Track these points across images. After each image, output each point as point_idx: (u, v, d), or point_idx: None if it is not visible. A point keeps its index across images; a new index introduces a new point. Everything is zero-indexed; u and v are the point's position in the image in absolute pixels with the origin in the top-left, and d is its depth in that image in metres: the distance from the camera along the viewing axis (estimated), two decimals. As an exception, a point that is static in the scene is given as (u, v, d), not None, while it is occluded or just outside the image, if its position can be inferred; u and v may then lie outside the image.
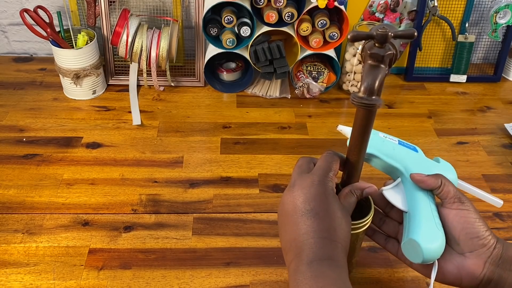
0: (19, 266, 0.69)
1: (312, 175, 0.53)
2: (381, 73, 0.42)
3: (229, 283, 0.68)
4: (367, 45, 0.42)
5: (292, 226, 0.51)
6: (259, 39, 1.01)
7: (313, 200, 0.51)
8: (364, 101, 0.41)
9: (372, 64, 0.42)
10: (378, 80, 0.41)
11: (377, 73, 0.42)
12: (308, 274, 0.47)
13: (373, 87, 0.41)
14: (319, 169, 0.54)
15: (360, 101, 0.41)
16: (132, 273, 0.69)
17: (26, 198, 0.80)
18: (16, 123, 0.97)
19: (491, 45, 1.18)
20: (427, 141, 0.96)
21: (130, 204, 0.80)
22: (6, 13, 1.13)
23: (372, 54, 0.42)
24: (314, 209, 0.51)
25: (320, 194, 0.51)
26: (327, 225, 0.50)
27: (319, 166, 0.54)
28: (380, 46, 0.42)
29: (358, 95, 0.41)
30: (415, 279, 0.70)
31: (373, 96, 0.41)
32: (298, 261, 0.49)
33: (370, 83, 0.41)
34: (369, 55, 0.42)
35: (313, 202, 0.51)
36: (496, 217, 0.80)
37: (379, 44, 0.41)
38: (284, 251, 0.53)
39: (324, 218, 0.50)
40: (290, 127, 0.99)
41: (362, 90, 0.41)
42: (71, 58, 0.99)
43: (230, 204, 0.81)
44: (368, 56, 0.42)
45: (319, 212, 0.50)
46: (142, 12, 1.10)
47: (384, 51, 0.42)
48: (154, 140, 0.94)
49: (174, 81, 1.09)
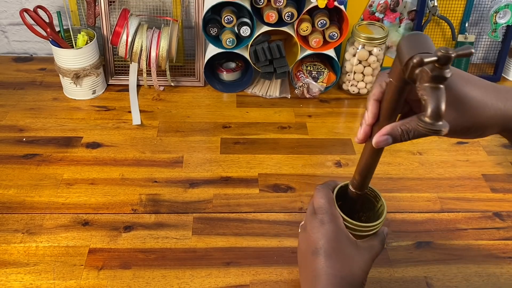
0: (19, 266, 0.69)
1: (319, 215, 0.55)
2: (443, 94, 0.41)
3: (229, 283, 0.68)
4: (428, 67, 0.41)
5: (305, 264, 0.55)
6: (259, 39, 1.01)
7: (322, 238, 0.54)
8: (433, 128, 0.40)
9: (433, 86, 0.41)
10: (443, 102, 0.40)
11: (441, 96, 0.40)
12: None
13: (441, 111, 0.40)
14: (322, 207, 0.56)
15: (429, 128, 0.40)
16: (132, 273, 0.69)
17: (26, 198, 0.80)
18: (16, 123, 0.97)
19: (491, 45, 1.18)
20: (427, 141, 0.96)
21: (130, 204, 0.80)
22: (6, 13, 1.13)
23: (436, 77, 0.41)
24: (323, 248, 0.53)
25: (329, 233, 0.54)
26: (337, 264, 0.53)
27: (320, 205, 0.56)
28: (442, 68, 0.41)
29: (425, 120, 0.40)
30: (415, 279, 0.70)
31: (440, 121, 0.40)
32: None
33: (437, 108, 0.40)
34: (431, 77, 0.41)
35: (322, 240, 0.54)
36: (496, 217, 0.80)
37: (441, 65, 0.41)
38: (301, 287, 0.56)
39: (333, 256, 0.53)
40: (290, 127, 0.99)
41: (430, 115, 0.40)
42: (71, 58, 0.99)
43: (230, 204, 0.81)
44: (430, 78, 0.41)
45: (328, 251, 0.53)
46: (142, 12, 1.10)
47: (448, 73, 0.41)
48: (154, 140, 0.94)
49: (174, 81, 1.09)
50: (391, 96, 0.48)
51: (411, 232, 0.77)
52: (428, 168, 0.90)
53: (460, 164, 0.91)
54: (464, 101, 0.45)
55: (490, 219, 0.80)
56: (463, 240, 0.76)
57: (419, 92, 0.41)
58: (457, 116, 0.45)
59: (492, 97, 0.46)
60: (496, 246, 0.75)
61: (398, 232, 0.77)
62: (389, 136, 0.47)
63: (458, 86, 0.45)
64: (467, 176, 0.88)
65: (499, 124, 0.46)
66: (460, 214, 0.81)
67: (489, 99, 0.46)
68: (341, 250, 0.53)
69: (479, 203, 0.83)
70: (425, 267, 0.71)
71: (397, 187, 0.85)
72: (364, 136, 0.51)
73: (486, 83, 0.47)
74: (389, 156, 0.91)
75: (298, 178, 0.86)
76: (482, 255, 0.73)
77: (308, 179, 0.86)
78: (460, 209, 0.81)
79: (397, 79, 0.46)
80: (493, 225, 0.79)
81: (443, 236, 0.76)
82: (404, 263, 0.72)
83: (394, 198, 0.83)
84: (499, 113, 0.46)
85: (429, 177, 0.88)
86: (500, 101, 0.46)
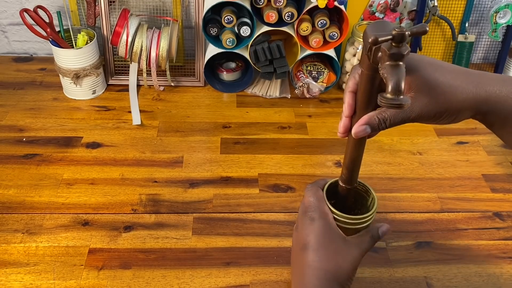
0: (19, 266, 0.69)
1: (309, 212, 0.56)
2: (403, 71, 0.42)
3: (229, 283, 0.68)
4: (385, 46, 0.43)
5: (294, 260, 0.56)
6: (259, 39, 1.01)
7: (310, 234, 0.54)
8: (394, 102, 0.41)
9: (392, 64, 0.43)
10: (403, 78, 0.42)
11: (400, 72, 0.42)
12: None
13: (400, 86, 0.41)
14: (312, 205, 0.56)
15: (390, 103, 0.41)
16: (132, 273, 0.69)
17: (26, 198, 0.80)
18: (16, 123, 0.97)
19: (491, 45, 1.18)
20: (427, 141, 0.96)
21: (130, 204, 0.80)
22: (6, 13, 1.13)
23: (393, 55, 0.42)
24: (312, 243, 0.54)
25: (318, 228, 0.55)
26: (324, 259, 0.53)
27: (310, 203, 0.57)
28: (398, 46, 0.42)
29: (387, 96, 0.42)
30: (415, 279, 0.70)
31: (401, 95, 0.41)
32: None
33: (396, 83, 0.41)
34: (389, 56, 0.42)
35: (311, 235, 0.54)
36: (496, 217, 0.80)
37: (397, 43, 0.42)
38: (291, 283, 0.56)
39: (320, 251, 0.53)
40: (290, 127, 0.99)
41: (390, 91, 0.41)
42: (71, 58, 0.99)
43: (230, 204, 0.81)
44: (388, 57, 0.43)
45: (315, 246, 0.54)
46: (142, 12, 1.10)
47: (404, 50, 0.42)
48: (154, 140, 0.94)
49: (174, 81, 1.09)
50: (364, 86, 0.49)
51: (411, 232, 0.77)
52: (428, 168, 0.90)
53: (460, 164, 0.91)
54: (435, 86, 0.46)
55: (490, 219, 0.80)
56: (463, 240, 0.76)
57: (381, 72, 0.43)
58: (429, 102, 0.46)
59: (463, 81, 0.46)
60: (496, 246, 0.75)
61: (398, 232, 0.77)
62: (367, 126, 0.48)
63: (428, 72, 0.46)
64: (467, 176, 0.88)
65: (472, 108, 0.47)
66: (460, 214, 0.81)
67: (460, 83, 0.46)
68: (328, 245, 0.54)
69: (479, 203, 0.83)
70: (425, 267, 0.71)
71: (397, 187, 0.85)
72: (344, 129, 0.52)
73: (457, 68, 0.48)
74: (389, 156, 0.91)
75: (298, 178, 0.86)
76: (482, 255, 0.73)
77: (308, 179, 0.86)
78: (460, 209, 0.81)
79: (366, 68, 0.48)
80: (493, 225, 0.79)
81: (443, 236, 0.76)
82: (404, 263, 0.72)
83: (394, 198, 0.83)
84: (471, 96, 0.46)
85: (429, 177, 0.88)
86: (472, 85, 0.46)
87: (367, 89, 0.49)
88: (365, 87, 0.49)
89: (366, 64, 0.48)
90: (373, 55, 0.45)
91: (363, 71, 0.49)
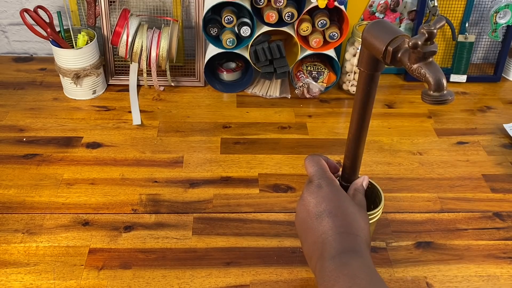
0: (19, 266, 0.69)
1: (315, 180, 0.55)
2: (439, 67, 0.43)
3: (229, 283, 0.68)
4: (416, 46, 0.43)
5: (310, 231, 0.53)
6: (259, 39, 1.01)
7: (323, 201, 0.53)
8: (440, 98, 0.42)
9: (427, 62, 0.43)
10: (442, 74, 0.42)
11: (437, 68, 0.43)
12: (332, 267, 0.48)
13: (442, 82, 0.42)
14: (316, 174, 0.56)
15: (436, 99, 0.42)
16: (132, 273, 0.69)
17: (26, 198, 0.80)
18: (16, 123, 0.97)
19: (491, 45, 1.18)
20: (427, 141, 0.96)
21: (130, 204, 0.80)
22: (6, 13, 1.13)
23: (427, 53, 0.43)
24: (327, 209, 0.52)
25: (329, 194, 0.53)
26: (343, 221, 0.51)
27: (314, 172, 0.56)
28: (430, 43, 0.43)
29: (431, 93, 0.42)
30: (415, 279, 0.70)
31: (444, 91, 0.42)
32: (321, 260, 0.50)
33: (438, 80, 0.42)
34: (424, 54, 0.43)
35: (324, 203, 0.53)
36: (496, 217, 0.80)
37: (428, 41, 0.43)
38: (307, 258, 0.54)
39: (338, 215, 0.52)
40: (290, 127, 0.99)
41: (434, 88, 0.42)
42: (71, 58, 0.99)
43: (230, 204, 0.81)
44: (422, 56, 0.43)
45: (332, 211, 0.52)
46: (142, 12, 1.10)
47: (435, 46, 0.43)
48: (154, 140, 0.94)
49: (174, 81, 1.09)
50: (363, 85, 0.51)
51: (411, 232, 0.77)
52: (428, 168, 0.90)
53: (460, 164, 0.91)
54: None
55: (490, 219, 0.80)
56: (463, 240, 0.76)
57: (414, 72, 0.44)
58: None
59: None
60: (496, 246, 0.75)
61: (398, 232, 0.77)
62: None
63: None
64: (467, 176, 0.88)
65: None
66: (460, 214, 0.81)
67: None
68: (344, 209, 0.53)
69: (479, 203, 0.83)
70: (425, 267, 0.71)
71: (397, 187, 0.85)
72: None
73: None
74: (389, 156, 0.91)
75: (298, 178, 0.86)
76: (482, 255, 0.74)
77: (308, 179, 0.86)
78: (460, 209, 0.81)
79: (366, 67, 0.49)
80: (493, 225, 0.79)
81: (443, 236, 0.76)
82: (404, 263, 0.72)
83: (394, 198, 0.83)
84: None
85: (429, 177, 0.88)
86: None
87: (366, 88, 0.50)
88: (364, 87, 0.50)
89: (367, 64, 0.48)
90: (391, 57, 0.46)
91: (363, 71, 0.49)
